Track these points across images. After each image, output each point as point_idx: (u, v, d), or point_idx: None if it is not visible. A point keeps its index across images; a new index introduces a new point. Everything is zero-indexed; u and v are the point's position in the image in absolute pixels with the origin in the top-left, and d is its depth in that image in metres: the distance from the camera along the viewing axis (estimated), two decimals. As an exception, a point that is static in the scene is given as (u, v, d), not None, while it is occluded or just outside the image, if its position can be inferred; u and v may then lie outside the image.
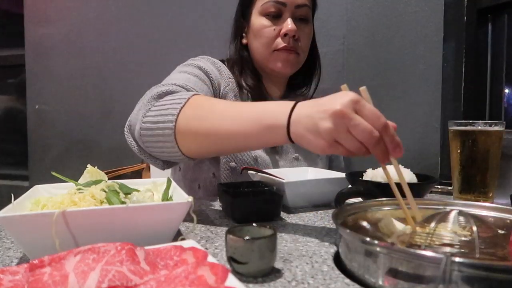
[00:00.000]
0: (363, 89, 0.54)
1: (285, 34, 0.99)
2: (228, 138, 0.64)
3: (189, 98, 0.70)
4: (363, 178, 0.81)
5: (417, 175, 0.79)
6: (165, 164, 0.78)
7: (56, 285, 0.34)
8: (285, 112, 0.57)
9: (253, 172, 0.87)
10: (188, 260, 0.40)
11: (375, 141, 0.49)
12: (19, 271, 0.37)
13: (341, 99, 0.51)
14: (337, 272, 0.46)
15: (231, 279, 0.35)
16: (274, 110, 0.59)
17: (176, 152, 0.70)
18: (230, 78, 1.03)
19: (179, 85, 0.80)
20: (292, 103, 0.58)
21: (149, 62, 1.86)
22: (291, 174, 0.90)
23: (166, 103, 0.71)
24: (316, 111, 0.53)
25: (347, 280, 0.43)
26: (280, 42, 1.00)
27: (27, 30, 2.13)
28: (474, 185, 0.82)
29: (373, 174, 0.80)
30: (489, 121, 0.80)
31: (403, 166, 0.80)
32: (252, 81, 1.05)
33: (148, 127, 0.71)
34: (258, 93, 1.05)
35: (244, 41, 1.08)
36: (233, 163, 0.98)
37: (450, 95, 1.36)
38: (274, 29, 1.00)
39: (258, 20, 1.02)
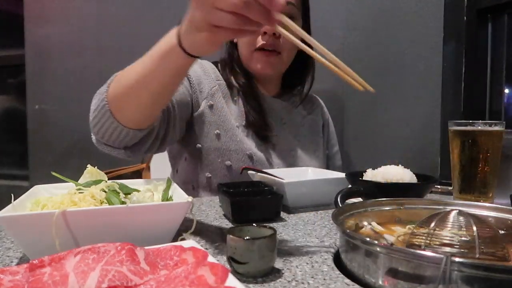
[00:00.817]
0: None
1: (265, 32, 0.99)
2: (145, 82, 0.65)
3: (115, 75, 0.74)
4: (363, 178, 0.81)
5: (417, 175, 0.79)
6: (127, 151, 0.78)
7: (56, 285, 0.34)
8: (174, 32, 0.59)
9: (253, 172, 0.87)
10: (188, 260, 0.40)
11: (242, 3, 0.47)
12: (19, 271, 0.37)
13: None
14: (337, 272, 0.46)
15: (231, 279, 0.35)
16: (168, 36, 0.61)
17: (117, 126, 0.71)
18: (218, 79, 1.05)
19: None
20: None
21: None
22: (291, 174, 0.90)
23: (99, 90, 0.76)
24: (187, 14, 0.54)
25: (347, 280, 0.43)
26: (260, 41, 1.00)
27: (27, 30, 2.13)
28: (474, 185, 0.82)
29: (373, 174, 0.80)
30: (489, 121, 0.80)
31: (403, 166, 0.80)
32: (243, 80, 1.06)
33: (93, 116, 0.75)
34: (250, 92, 1.06)
35: (235, 40, 1.08)
36: (228, 161, 0.98)
37: (450, 95, 1.36)
38: None
39: None
